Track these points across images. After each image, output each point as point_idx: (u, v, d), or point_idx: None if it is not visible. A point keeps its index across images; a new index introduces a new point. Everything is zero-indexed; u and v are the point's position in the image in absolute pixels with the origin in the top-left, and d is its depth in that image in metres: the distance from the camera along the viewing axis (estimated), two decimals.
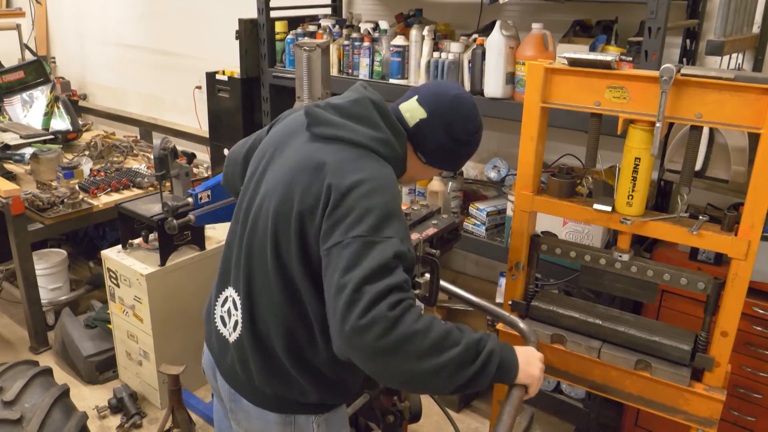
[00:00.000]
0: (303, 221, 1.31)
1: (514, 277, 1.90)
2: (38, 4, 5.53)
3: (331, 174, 1.30)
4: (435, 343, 1.21)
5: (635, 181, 1.65)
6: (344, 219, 1.24)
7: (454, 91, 1.47)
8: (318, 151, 1.36)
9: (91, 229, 4.16)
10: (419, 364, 1.20)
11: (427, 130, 1.44)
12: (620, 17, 2.57)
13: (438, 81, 1.50)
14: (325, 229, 1.26)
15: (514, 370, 1.36)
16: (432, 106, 1.44)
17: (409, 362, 1.19)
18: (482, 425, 2.90)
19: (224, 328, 1.51)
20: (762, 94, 1.42)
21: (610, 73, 1.59)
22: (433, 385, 1.24)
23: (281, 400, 1.44)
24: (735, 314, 1.58)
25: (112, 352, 3.15)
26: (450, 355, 1.22)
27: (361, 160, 1.33)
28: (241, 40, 3.24)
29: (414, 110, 1.45)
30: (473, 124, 1.48)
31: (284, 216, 1.34)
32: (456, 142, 1.46)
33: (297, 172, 1.35)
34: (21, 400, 2.19)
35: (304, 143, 1.41)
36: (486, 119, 3.07)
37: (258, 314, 1.42)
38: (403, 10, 3.14)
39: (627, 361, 1.72)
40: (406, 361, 1.19)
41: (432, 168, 1.52)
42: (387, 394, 1.89)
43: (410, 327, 1.19)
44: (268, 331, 1.40)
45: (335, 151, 1.35)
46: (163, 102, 4.92)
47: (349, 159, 1.33)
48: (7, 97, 4.29)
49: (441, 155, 1.48)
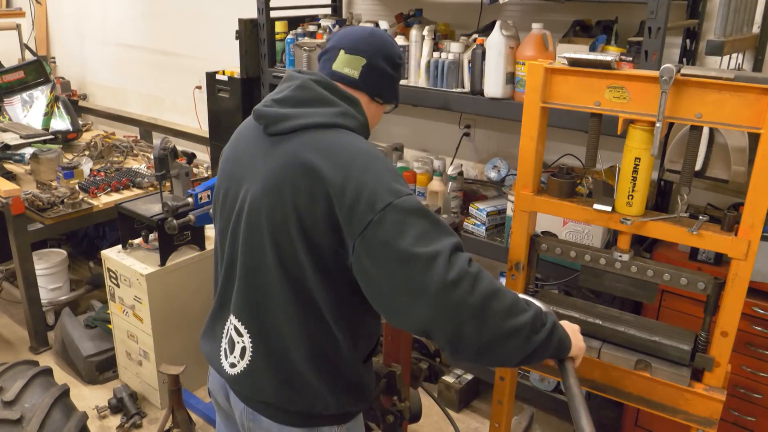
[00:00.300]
0: (303, 221, 1.27)
1: (514, 277, 1.90)
2: (38, 4, 5.53)
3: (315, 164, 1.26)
4: (512, 303, 1.22)
5: (635, 181, 1.65)
6: (359, 198, 1.21)
7: (367, 28, 1.49)
8: (288, 147, 1.32)
9: (91, 229, 4.16)
10: (502, 323, 1.20)
11: (374, 71, 1.43)
12: (620, 17, 2.57)
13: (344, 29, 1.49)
14: (345, 221, 1.23)
15: (569, 342, 1.38)
16: (364, 49, 1.43)
17: (493, 320, 1.19)
18: (482, 425, 2.90)
19: (227, 359, 1.45)
20: (762, 94, 1.42)
21: (610, 73, 1.59)
22: (509, 348, 1.23)
23: (305, 416, 1.41)
24: (735, 314, 1.58)
25: (112, 352, 3.15)
26: (525, 318, 1.23)
27: (336, 138, 1.31)
28: (241, 40, 3.24)
29: (350, 61, 1.42)
30: (397, 47, 1.51)
31: (282, 227, 1.29)
32: (397, 69, 1.49)
33: (278, 177, 1.30)
34: (21, 400, 2.19)
35: (269, 148, 1.35)
36: (486, 119, 3.12)
37: (270, 332, 1.37)
38: (403, 10, 3.14)
39: (627, 361, 1.72)
40: (493, 319, 1.19)
41: (385, 105, 1.52)
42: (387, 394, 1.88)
43: (492, 284, 1.20)
44: (286, 345, 1.36)
45: (306, 139, 1.31)
46: (163, 102, 4.92)
47: (324, 141, 1.30)
48: (7, 97, 4.30)
49: (392, 87, 1.50)
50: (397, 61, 1.48)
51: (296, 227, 1.27)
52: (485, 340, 1.20)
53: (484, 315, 1.19)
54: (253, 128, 1.43)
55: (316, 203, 1.25)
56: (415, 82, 2.75)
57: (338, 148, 1.29)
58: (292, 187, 1.27)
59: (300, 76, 1.40)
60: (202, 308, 2.99)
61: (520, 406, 2.81)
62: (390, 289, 1.21)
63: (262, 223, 1.32)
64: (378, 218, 1.19)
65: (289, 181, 1.28)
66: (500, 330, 1.21)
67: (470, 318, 1.18)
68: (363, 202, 1.21)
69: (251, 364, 1.40)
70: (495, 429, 2.08)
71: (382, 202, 1.20)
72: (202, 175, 3.76)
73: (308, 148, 1.29)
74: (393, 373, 1.81)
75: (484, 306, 1.18)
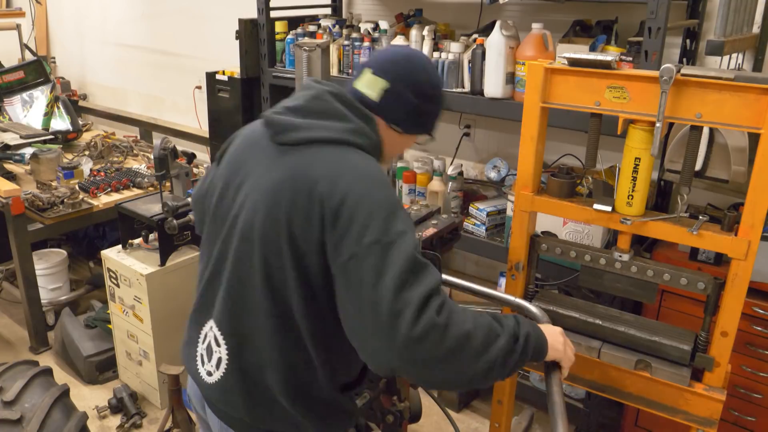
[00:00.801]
0: (294, 240, 1.23)
1: (514, 277, 1.90)
2: (38, 4, 5.53)
3: (316, 184, 1.22)
4: (484, 339, 1.20)
5: (635, 181, 1.65)
6: (349, 229, 1.17)
7: (404, 50, 1.42)
8: (292, 161, 1.27)
9: (91, 229, 4.16)
10: (475, 365, 1.18)
11: (393, 97, 1.36)
12: (620, 17, 2.57)
13: (384, 48, 1.42)
14: (332, 246, 1.19)
15: (545, 347, 1.37)
16: (390, 72, 1.36)
17: (466, 364, 1.18)
18: (482, 425, 2.90)
19: (204, 366, 1.41)
20: (762, 94, 1.42)
21: (610, 73, 1.59)
22: (488, 380, 1.23)
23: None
24: (735, 314, 1.58)
25: (112, 352, 3.15)
26: (498, 346, 1.21)
27: (342, 158, 1.26)
28: (241, 40, 3.24)
29: (373, 83, 1.36)
30: (435, 77, 1.43)
31: (273, 238, 1.25)
32: (426, 100, 1.40)
33: (278, 190, 1.26)
34: (21, 400, 2.19)
35: (274, 157, 1.31)
36: (486, 119, 3.11)
37: (247, 349, 1.33)
38: (403, 10, 3.14)
39: (627, 361, 1.72)
40: (463, 364, 1.17)
41: (409, 135, 1.45)
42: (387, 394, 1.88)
43: (461, 329, 1.16)
44: (261, 365, 1.32)
45: (311, 155, 1.26)
46: (163, 102, 4.92)
47: (330, 161, 1.25)
48: (7, 97, 4.30)
49: (415, 118, 1.41)
50: (428, 91, 1.39)
51: (288, 245, 1.23)
52: (458, 381, 1.21)
53: (454, 361, 1.16)
54: (261, 133, 1.38)
55: (311, 225, 1.21)
56: None
57: (343, 169, 1.24)
58: (289, 205, 1.23)
59: (317, 86, 1.36)
60: None
61: (520, 406, 2.81)
62: (360, 328, 1.18)
63: (255, 236, 1.28)
64: (362, 254, 1.16)
65: (288, 197, 1.24)
66: (473, 369, 1.19)
67: (439, 367, 1.16)
68: (352, 233, 1.17)
69: (225, 376, 1.35)
70: (495, 429, 2.08)
71: (370, 237, 1.16)
72: (202, 175, 3.76)
73: (313, 165, 1.25)
74: None
75: (453, 354, 1.15)
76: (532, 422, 2.74)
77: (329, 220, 1.19)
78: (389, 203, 1.22)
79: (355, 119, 1.32)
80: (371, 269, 1.14)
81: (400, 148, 1.50)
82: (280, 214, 1.24)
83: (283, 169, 1.28)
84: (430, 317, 1.13)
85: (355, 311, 1.17)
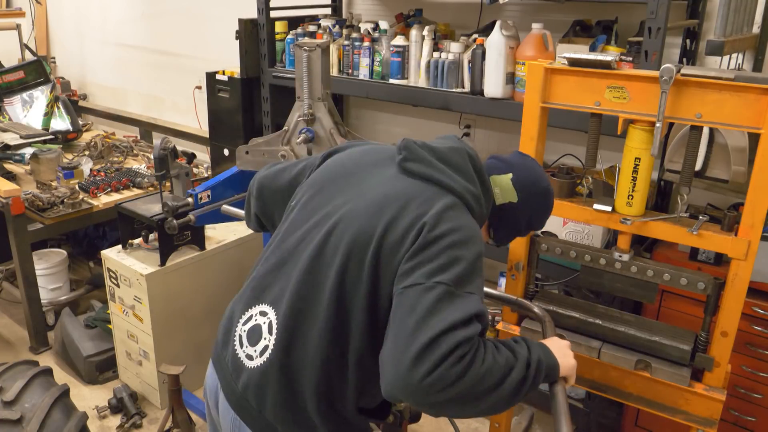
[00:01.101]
0: (380, 255, 1.24)
1: (514, 277, 1.90)
2: (38, 4, 5.53)
3: (426, 212, 1.24)
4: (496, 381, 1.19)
5: (635, 181, 1.65)
6: (430, 262, 1.18)
7: (545, 182, 1.47)
8: (412, 187, 1.31)
9: (91, 229, 4.16)
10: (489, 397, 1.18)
11: (512, 214, 1.44)
12: (620, 17, 2.57)
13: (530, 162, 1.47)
14: (406, 269, 1.20)
15: (557, 369, 1.35)
16: (526, 193, 1.43)
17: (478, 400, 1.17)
18: (482, 425, 2.90)
19: (244, 349, 1.38)
20: (762, 94, 1.42)
21: (610, 73, 1.59)
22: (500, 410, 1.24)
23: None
24: (735, 314, 1.58)
25: (112, 352, 3.15)
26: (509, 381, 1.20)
27: (456, 208, 1.28)
28: (241, 40, 3.24)
29: (506, 190, 1.43)
30: (549, 214, 1.52)
31: (361, 246, 1.26)
32: (528, 228, 1.50)
33: (385, 205, 1.28)
34: (21, 400, 2.19)
35: (393, 176, 1.35)
36: (486, 119, 3.11)
37: (295, 344, 1.32)
38: (403, 10, 3.14)
39: (627, 361, 1.72)
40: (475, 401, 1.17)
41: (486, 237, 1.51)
42: None
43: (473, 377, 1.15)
44: (301, 366, 1.31)
45: (430, 192, 1.29)
46: (163, 102, 4.92)
47: (445, 204, 1.27)
48: (7, 97, 4.30)
49: (508, 238, 1.51)
50: (536, 225, 1.50)
51: (372, 256, 1.24)
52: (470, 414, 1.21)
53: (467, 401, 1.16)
54: (389, 154, 1.42)
55: (403, 244, 1.23)
56: (415, 82, 2.75)
57: (454, 214, 1.26)
58: (392, 218, 1.26)
59: (460, 143, 1.40)
60: (202, 308, 2.99)
61: (520, 406, 2.81)
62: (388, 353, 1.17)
63: (346, 237, 1.29)
64: (427, 286, 1.16)
65: (394, 211, 1.26)
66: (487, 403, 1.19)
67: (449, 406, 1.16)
68: (430, 266, 1.18)
69: (266, 365, 1.33)
70: (495, 429, 2.08)
71: (444, 277, 1.17)
72: (202, 175, 3.76)
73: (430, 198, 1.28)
74: None
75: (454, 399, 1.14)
76: (532, 422, 2.74)
77: (418, 246, 1.21)
78: (476, 265, 1.23)
79: (480, 187, 1.36)
80: (429, 304, 1.15)
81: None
82: (379, 224, 1.26)
83: (399, 187, 1.31)
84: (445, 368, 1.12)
85: (393, 332, 1.17)
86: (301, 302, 1.32)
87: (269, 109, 3.30)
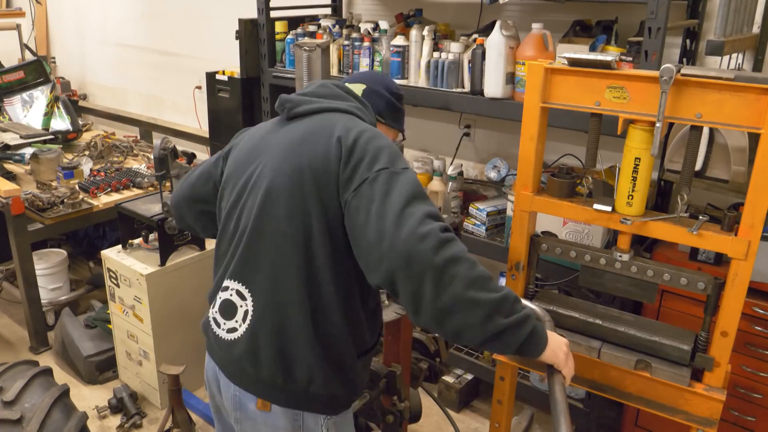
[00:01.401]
0: (319, 184, 1.36)
1: (514, 277, 1.90)
2: (38, 4, 5.53)
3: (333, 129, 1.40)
4: (479, 277, 1.25)
5: (635, 181, 1.65)
6: (362, 160, 1.33)
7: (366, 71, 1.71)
8: (309, 124, 1.46)
9: (91, 229, 4.17)
10: (462, 291, 1.23)
11: (373, 93, 1.62)
12: (620, 17, 2.57)
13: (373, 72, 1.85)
14: (346, 177, 1.34)
15: (543, 343, 1.37)
16: (364, 79, 1.66)
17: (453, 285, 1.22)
18: (482, 425, 2.90)
19: (228, 323, 1.48)
20: (762, 94, 1.42)
21: (610, 73, 1.59)
22: (468, 320, 1.25)
23: (290, 394, 1.42)
24: (735, 314, 1.58)
25: (112, 352, 3.15)
26: (489, 296, 1.25)
27: (353, 120, 1.46)
28: (241, 40, 3.24)
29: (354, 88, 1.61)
30: (393, 81, 1.73)
31: (298, 187, 1.37)
32: (396, 98, 1.68)
33: (297, 146, 1.42)
34: (21, 400, 2.19)
35: (290, 128, 1.49)
36: (486, 119, 3.12)
37: (273, 298, 1.40)
38: (403, 10, 3.14)
39: (627, 361, 1.72)
40: (451, 283, 1.22)
41: (389, 129, 1.68)
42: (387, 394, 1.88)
43: (460, 252, 1.25)
44: (287, 312, 1.39)
45: (326, 120, 1.45)
46: (163, 102, 4.92)
47: (343, 121, 1.43)
48: (7, 97, 4.30)
49: (392, 113, 1.67)
50: (396, 90, 1.68)
51: (312, 189, 1.36)
52: (442, 304, 1.23)
53: (444, 277, 1.22)
54: (272, 122, 1.58)
55: (329, 165, 1.35)
56: (415, 82, 2.75)
57: (356, 124, 1.43)
58: (311, 152, 1.39)
59: (322, 81, 1.59)
60: (202, 308, 2.98)
61: (520, 406, 2.81)
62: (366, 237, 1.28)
63: (279, 188, 1.39)
64: (372, 177, 1.31)
65: (309, 146, 1.40)
66: (459, 297, 1.23)
67: (430, 276, 1.22)
68: (364, 164, 1.33)
69: (251, 327, 1.43)
70: (495, 429, 2.08)
71: (380, 164, 1.32)
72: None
73: (329, 121, 1.44)
74: (393, 373, 1.82)
75: (445, 267, 1.22)
76: (532, 422, 2.74)
77: (345, 156, 1.35)
78: (394, 148, 1.40)
79: (356, 101, 1.55)
80: (381, 188, 1.29)
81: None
82: (303, 162, 1.38)
83: (300, 130, 1.46)
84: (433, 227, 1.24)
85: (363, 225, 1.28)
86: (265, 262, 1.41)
87: (269, 109, 3.30)
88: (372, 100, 1.61)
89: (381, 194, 1.29)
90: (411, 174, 1.35)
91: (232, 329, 1.47)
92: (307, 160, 1.38)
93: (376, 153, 1.35)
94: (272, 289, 1.40)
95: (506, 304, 1.28)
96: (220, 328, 1.50)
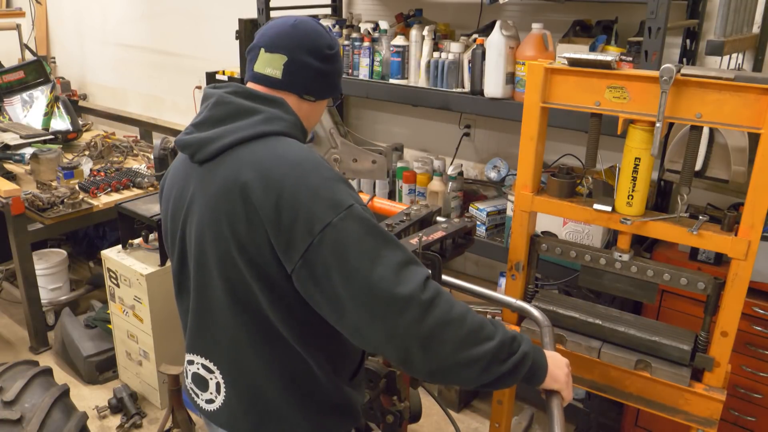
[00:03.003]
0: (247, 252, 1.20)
1: (514, 278, 1.90)
2: (38, 4, 5.53)
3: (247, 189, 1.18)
4: (470, 332, 1.18)
5: (635, 181, 1.65)
6: (295, 221, 1.14)
7: (290, 20, 1.35)
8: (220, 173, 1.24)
9: (91, 229, 4.16)
10: (454, 354, 1.17)
11: (297, 68, 1.31)
12: (620, 17, 2.57)
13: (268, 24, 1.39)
14: (282, 247, 1.16)
15: (543, 373, 1.35)
16: (284, 45, 1.31)
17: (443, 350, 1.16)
18: (482, 425, 2.90)
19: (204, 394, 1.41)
20: (762, 94, 1.42)
21: (610, 73, 1.59)
22: (463, 377, 1.21)
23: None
24: (735, 314, 1.58)
25: (112, 352, 3.15)
26: (485, 348, 1.19)
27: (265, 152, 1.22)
28: (241, 40, 3.24)
29: (272, 61, 1.31)
30: (328, 36, 1.37)
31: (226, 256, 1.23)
32: (327, 61, 1.35)
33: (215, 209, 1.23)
34: (21, 400, 2.19)
35: (203, 177, 1.27)
36: (486, 119, 3.11)
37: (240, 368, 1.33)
38: (403, 10, 3.14)
39: (627, 361, 1.72)
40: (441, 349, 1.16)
41: (321, 102, 1.41)
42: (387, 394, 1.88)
43: (446, 311, 1.16)
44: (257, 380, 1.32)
45: (235, 161, 1.22)
46: (163, 102, 4.92)
47: (254, 160, 1.21)
48: (7, 97, 4.30)
49: (322, 83, 1.36)
50: (326, 51, 1.34)
51: (241, 257, 1.21)
52: (435, 368, 1.18)
53: (433, 344, 1.15)
54: (183, 160, 1.36)
55: (255, 230, 1.18)
56: (415, 82, 2.75)
57: (269, 163, 1.20)
58: (228, 216, 1.20)
59: (215, 92, 1.31)
60: None
61: (520, 406, 2.81)
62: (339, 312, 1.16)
63: (209, 260, 1.26)
64: (317, 241, 1.13)
65: (225, 208, 1.21)
66: (452, 360, 1.17)
67: (417, 345, 1.15)
68: (299, 226, 1.14)
69: (227, 399, 1.36)
70: (495, 429, 2.08)
71: (321, 222, 1.13)
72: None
73: (240, 168, 1.21)
74: (393, 373, 1.81)
75: (432, 335, 1.14)
76: (532, 422, 2.74)
77: (271, 222, 1.16)
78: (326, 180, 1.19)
79: (264, 108, 1.28)
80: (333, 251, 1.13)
81: (317, 116, 1.44)
82: (224, 229, 1.21)
83: (213, 183, 1.25)
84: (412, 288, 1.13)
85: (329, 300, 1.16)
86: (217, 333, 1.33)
87: None
88: (295, 77, 1.31)
89: (335, 260, 1.12)
90: (357, 211, 1.15)
91: (209, 401, 1.40)
92: (230, 229, 1.20)
93: (310, 204, 1.14)
94: (235, 360, 1.32)
95: (503, 351, 1.23)
96: (199, 398, 1.43)
